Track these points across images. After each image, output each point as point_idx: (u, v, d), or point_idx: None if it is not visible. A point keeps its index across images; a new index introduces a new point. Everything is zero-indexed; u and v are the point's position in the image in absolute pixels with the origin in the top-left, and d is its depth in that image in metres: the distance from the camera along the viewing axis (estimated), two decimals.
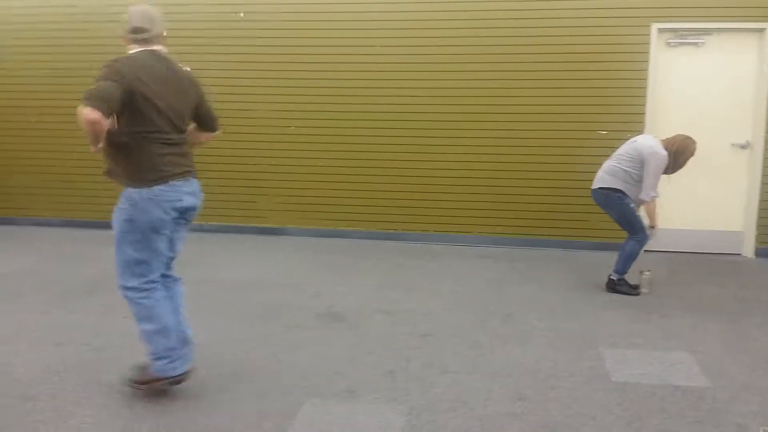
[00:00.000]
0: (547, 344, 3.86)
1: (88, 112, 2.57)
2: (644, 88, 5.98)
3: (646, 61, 5.95)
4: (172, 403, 3.06)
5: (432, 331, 4.05)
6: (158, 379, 3.03)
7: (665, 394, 3.21)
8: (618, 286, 4.86)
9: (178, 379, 3.06)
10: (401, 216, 6.50)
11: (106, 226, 6.92)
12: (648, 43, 5.93)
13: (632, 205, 4.72)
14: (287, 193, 6.65)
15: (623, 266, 4.82)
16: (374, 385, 3.28)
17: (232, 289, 4.89)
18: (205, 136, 3.33)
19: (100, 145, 2.76)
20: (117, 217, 2.93)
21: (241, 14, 6.46)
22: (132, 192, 2.88)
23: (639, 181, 4.66)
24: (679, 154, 4.56)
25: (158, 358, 3.01)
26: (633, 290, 4.83)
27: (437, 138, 6.33)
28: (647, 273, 4.89)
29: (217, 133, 3.39)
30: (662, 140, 4.64)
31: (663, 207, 6.13)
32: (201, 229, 6.81)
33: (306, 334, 3.98)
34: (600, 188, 4.79)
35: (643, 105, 6.00)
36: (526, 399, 3.14)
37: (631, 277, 5.09)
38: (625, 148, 4.73)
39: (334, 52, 6.38)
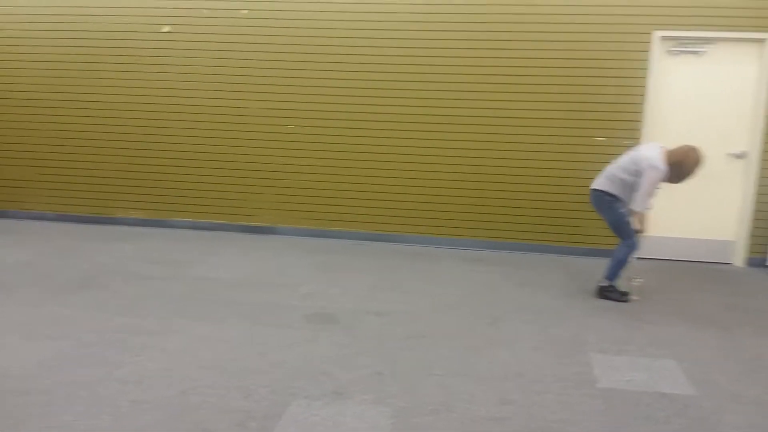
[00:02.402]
0: (535, 348, 3.87)
1: None
2: (643, 95, 6.00)
3: (646, 69, 5.97)
4: (162, 399, 3.07)
5: (422, 333, 4.06)
6: None
7: (651, 401, 3.22)
8: (607, 292, 4.88)
9: None
10: (395, 218, 6.51)
11: (100, 221, 6.95)
12: (648, 51, 5.95)
13: (623, 210, 4.73)
14: (279, 192, 6.66)
15: (613, 272, 4.84)
16: (362, 386, 3.29)
17: (224, 288, 4.90)
18: None
19: None
20: None
21: (244, 11, 6.46)
22: None
23: (635, 191, 4.68)
24: (678, 164, 4.50)
25: None
26: (622, 297, 4.84)
27: (433, 140, 6.34)
28: (638, 280, 4.91)
29: None
30: (666, 151, 4.60)
31: (656, 214, 6.15)
32: (194, 227, 6.81)
33: (295, 334, 3.98)
34: (596, 189, 4.81)
35: (641, 113, 6.02)
36: (511, 403, 3.15)
37: (621, 285, 5.11)
38: (627, 157, 4.73)
39: (327, 52, 6.38)
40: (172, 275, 5.19)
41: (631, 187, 4.66)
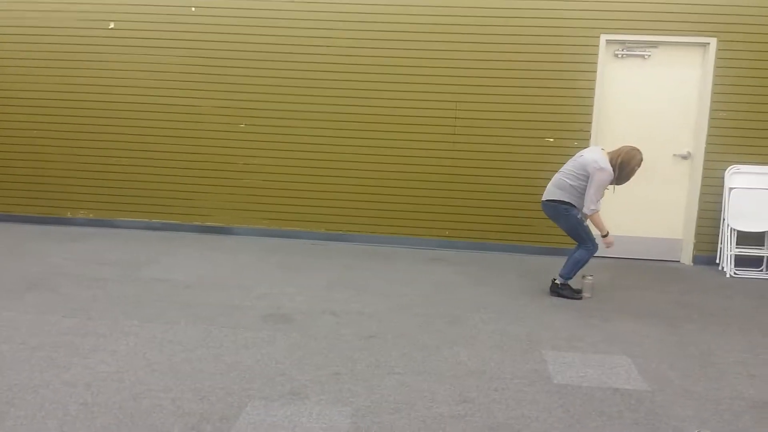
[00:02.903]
0: (492, 346, 3.90)
1: None
2: (591, 97, 6.12)
3: (594, 72, 6.09)
4: (112, 403, 2.97)
5: (379, 333, 4.05)
6: None
7: (605, 396, 3.27)
8: (561, 290, 4.95)
9: None
10: (351, 217, 6.49)
11: (48, 221, 6.73)
12: (596, 54, 6.07)
13: (579, 216, 4.82)
14: (234, 192, 6.56)
15: (569, 272, 4.91)
16: (320, 386, 3.26)
17: (178, 289, 4.79)
18: None
19: None
20: None
21: (192, 9, 6.35)
22: None
23: (584, 195, 4.77)
24: (624, 165, 4.65)
25: None
26: (575, 295, 4.92)
27: (389, 140, 6.34)
28: (589, 278, 5.00)
29: None
30: (608, 152, 4.73)
31: (606, 214, 6.27)
32: (146, 227, 6.66)
33: (251, 335, 3.92)
34: (548, 200, 4.87)
35: (591, 114, 6.13)
36: (470, 401, 3.16)
37: (574, 282, 5.20)
38: (572, 163, 4.83)
39: (285, 50, 6.32)
40: (124, 276, 5.06)
41: (581, 192, 4.76)
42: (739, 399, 3.31)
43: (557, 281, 4.97)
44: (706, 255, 6.24)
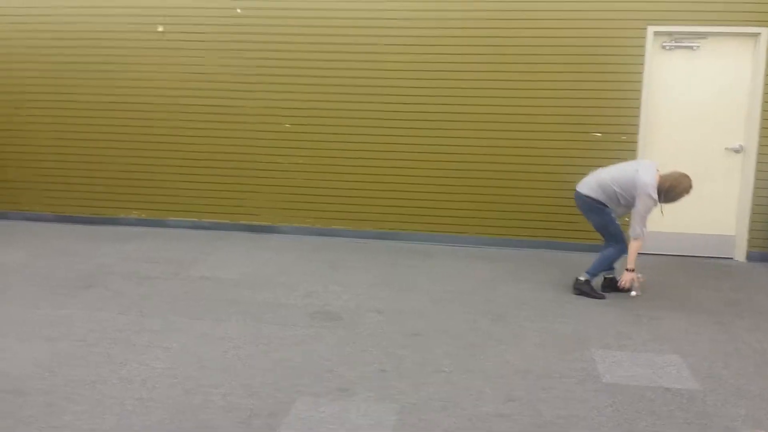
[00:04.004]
0: (538, 345, 3.88)
1: None
2: (639, 90, 6.00)
3: (642, 64, 5.98)
4: (166, 398, 3.06)
5: (424, 331, 4.06)
6: None
7: (655, 396, 3.23)
8: (583, 286, 4.87)
9: None
10: (394, 215, 6.51)
11: (99, 221, 6.93)
12: (643, 46, 5.95)
13: (613, 215, 4.77)
14: (280, 191, 6.65)
15: (596, 269, 4.84)
16: (366, 383, 3.29)
17: (226, 287, 4.89)
18: None
19: None
20: None
21: (238, 10, 6.45)
22: None
23: (624, 205, 4.73)
24: (671, 190, 4.57)
25: None
26: (597, 294, 4.84)
27: (432, 138, 6.34)
28: (638, 275, 4.91)
29: None
30: (661, 175, 4.62)
31: (657, 211, 6.15)
32: (195, 226, 6.80)
33: (299, 332, 3.98)
34: (587, 196, 4.79)
35: (638, 108, 6.02)
36: (516, 399, 3.15)
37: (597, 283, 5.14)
38: (625, 173, 4.68)
39: (328, 50, 6.38)
40: (174, 275, 5.18)
41: (620, 202, 4.70)
42: None
43: (581, 278, 4.90)
44: (761, 251, 6.07)
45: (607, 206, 4.74)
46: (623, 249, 4.80)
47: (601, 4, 5.96)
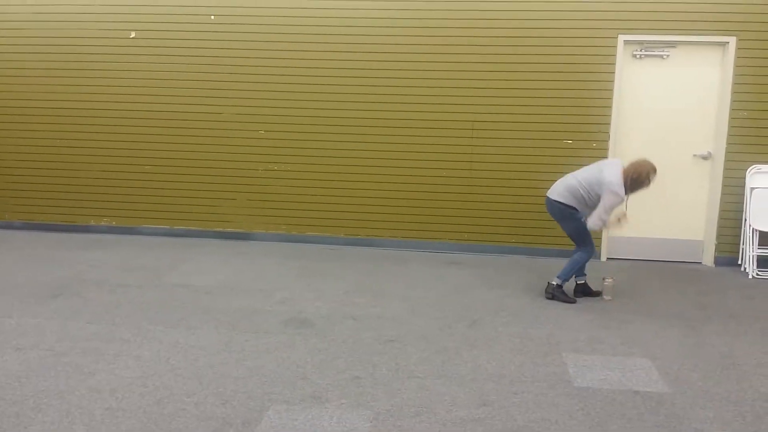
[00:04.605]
0: (512, 349, 3.91)
1: None
2: (610, 98, 6.10)
3: (613, 72, 6.07)
4: (137, 408, 3.03)
5: (399, 337, 4.07)
6: None
7: (625, 399, 3.27)
8: (555, 291, 4.94)
9: None
10: (369, 222, 6.52)
11: (69, 229, 6.83)
12: (614, 55, 6.05)
13: (583, 219, 4.84)
14: (253, 198, 6.62)
15: (567, 273, 4.91)
16: (340, 390, 3.29)
17: (200, 295, 4.85)
18: None
19: None
20: None
21: (212, 17, 6.43)
22: None
23: (591, 207, 4.79)
24: (635, 179, 4.63)
25: None
26: (568, 298, 4.90)
27: (405, 144, 6.36)
28: (609, 280, 4.98)
29: None
30: (625, 166, 4.69)
31: (627, 216, 6.24)
32: (168, 234, 6.74)
33: (272, 340, 3.97)
34: (557, 201, 4.85)
35: (609, 115, 6.11)
36: (490, 404, 3.17)
37: (593, 284, 5.19)
38: (591, 175, 4.76)
39: (299, 57, 6.38)
40: (146, 283, 5.13)
41: (588, 204, 4.77)
42: (762, 400, 3.29)
43: (553, 282, 4.95)
44: (728, 256, 6.19)
45: (578, 210, 4.81)
46: (592, 252, 4.86)
47: (572, 13, 6.05)
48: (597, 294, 5.03)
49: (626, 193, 4.66)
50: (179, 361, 3.61)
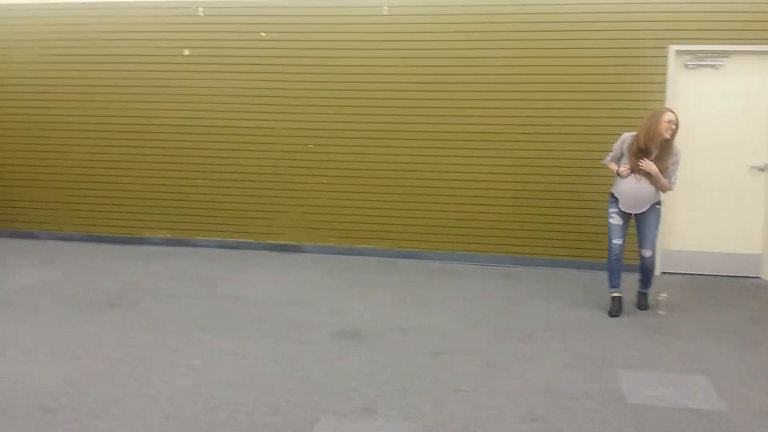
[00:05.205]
0: (562, 364, 3.86)
1: None
2: None
3: (664, 83, 5.97)
4: (191, 416, 3.10)
5: (447, 350, 4.06)
6: None
7: (681, 417, 3.19)
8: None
9: None
10: (419, 234, 6.53)
11: (126, 241, 7.04)
12: (665, 65, 5.95)
13: (610, 219, 4.90)
14: (304, 210, 6.71)
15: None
16: (389, 402, 3.30)
17: (251, 305, 4.94)
18: None
19: None
20: None
21: (263, 34, 6.57)
22: None
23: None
24: (648, 130, 4.64)
25: None
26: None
27: (458, 157, 6.36)
28: (664, 295, 4.87)
29: None
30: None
31: (681, 228, 6.11)
32: (221, 246, 6.88)
33: (322, 351, 4.01)
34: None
35: None
36: (539, 419, 3.14)
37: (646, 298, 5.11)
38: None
39: (350, 72, 6.45)
40: (200, 293, 5.25)
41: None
42: None
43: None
44: None
45: (610, 198, 4.93)
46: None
47: (621, 24, 5.97)
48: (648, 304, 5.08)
49: (644, 147, 4.64)
50: (231, 370, 3.68)
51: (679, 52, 5.95)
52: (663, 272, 6.18)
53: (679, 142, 4.76)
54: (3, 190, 7.25)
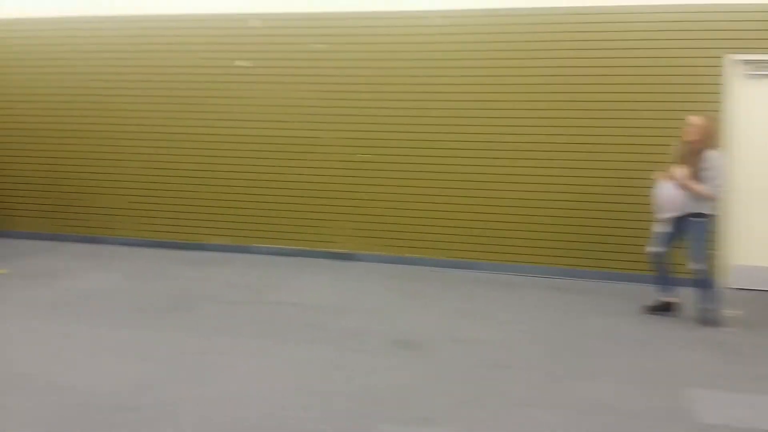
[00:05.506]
0: (625, 380, 3.72)
1: None
2: (719, 121, 5.75)
3: (719, 93, 5.76)
4: (248, 419, 3.11)
5: (505, 362, 3.98)
6: None
7: None
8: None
9: None
10: (473, 245, 6.44)
11: (189, 247, 7.17)
12: (721, 75, 5.74)
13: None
14: (358, 219, 6.71)
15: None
16: (448, 414, 3.24)
17: (308, 313, 4.95)
18: None
19: None
20: None
21: (314, 45, 6.64)
22: None
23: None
24: (708, 137, 4.66)
25: None
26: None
27: (511, 167, 6.27)
28: (735, 312, 4.68)
29: None
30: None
31: (749, 244, 5.86)
32: (277, 253, 6.94)
33: (379, 360, 3.98)
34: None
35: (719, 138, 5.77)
36: None
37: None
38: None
39: (402, 82, 6.45)
40: (256, 299, 5.29)
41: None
42: None
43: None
44: None
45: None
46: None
47: (676, 33, 5.81)
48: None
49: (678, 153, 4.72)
50: (288, 375, 3.69)
51: (739, 62, 5.75)
52: (732, 288, 5.93)
53: (718, 148, 4.73)
54: (73, 196, 7.50)
